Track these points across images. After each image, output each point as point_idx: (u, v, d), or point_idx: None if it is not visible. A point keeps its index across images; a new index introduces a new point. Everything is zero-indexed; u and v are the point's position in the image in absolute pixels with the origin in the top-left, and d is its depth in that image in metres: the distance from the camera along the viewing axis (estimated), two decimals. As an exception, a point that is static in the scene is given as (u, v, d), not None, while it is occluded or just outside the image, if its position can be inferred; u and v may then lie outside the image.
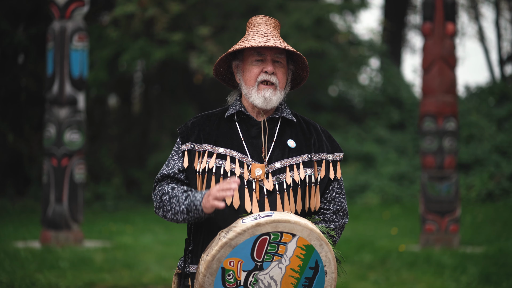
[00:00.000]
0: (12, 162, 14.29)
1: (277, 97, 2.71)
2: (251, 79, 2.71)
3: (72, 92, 9.05)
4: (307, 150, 2.73)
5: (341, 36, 16.40)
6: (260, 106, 2.70)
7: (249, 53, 2.72)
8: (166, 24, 14.07)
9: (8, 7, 13.74)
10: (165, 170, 2.73)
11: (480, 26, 21.19)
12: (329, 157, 2.76)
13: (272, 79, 2.69)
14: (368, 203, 14.50)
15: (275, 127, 2.74)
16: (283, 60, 2.73)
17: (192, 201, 2.59)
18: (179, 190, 2.66)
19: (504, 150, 14.73)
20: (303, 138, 2.75)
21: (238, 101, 2.78)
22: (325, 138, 2.80)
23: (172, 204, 2.64)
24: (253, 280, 2.50)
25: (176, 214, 2.63)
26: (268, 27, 2.76)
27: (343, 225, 2.77)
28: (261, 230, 2.47)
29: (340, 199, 2.76)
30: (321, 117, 16.39)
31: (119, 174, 15.57)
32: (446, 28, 9.40)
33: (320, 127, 2.83)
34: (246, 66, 2.73)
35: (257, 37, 2.70)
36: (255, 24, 2.77)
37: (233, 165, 2.67)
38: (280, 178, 2.67)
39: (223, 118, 2.77)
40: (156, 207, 2.72)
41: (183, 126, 2.79)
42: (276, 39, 2.70)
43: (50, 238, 8.92)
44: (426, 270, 7.59)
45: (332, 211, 2.75)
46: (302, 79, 2.84)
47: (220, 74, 2.84)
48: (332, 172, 2.75)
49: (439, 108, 9.39)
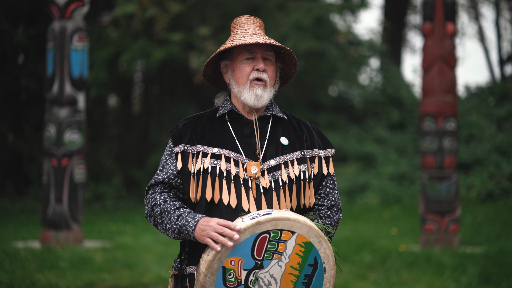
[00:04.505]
0: (12, 162, 14.29)
1: (267, 94, 2.71)
2: (242, 78, 2.71)
3: (72, 92, 9.05)
4: (299, 147, 2.74)
5: (341, 36, 16.40)
6: (252, 104, 2.70)
7: (239, 52, 2.72)
8: (166, 24, 14.08)
9: (8, 7, 13.75)
10: (159, 175, 2.72)
11: (480, 26, 21.20)
12: (321, 153, 2.77)
13: (263, 76, 2.70)
14: (368, 203, 14.50)
15: (267, 125, 2.75)
16: (272, 57, 2.73)
17: (185, 225, 2.57)
18: (171, 205, 2.64)
19: (504, 150, 14.73)
20: (295, 135, 2.76)
21: (228, 101, 2.78)
22: (316, 134, 2.80)
23: (164, 219, 2.64)
24: (253, 279, 2.50)
25: (168, 231, 2.63)
26: (254, 27, 2.76)
27: (338, 220, 2.78)
28: (261, 228, 2.48)
29: (334, 194, 2.77)
30: (321, 117, 16.39)
31: (119, 174, 15.57)
32: (446, 28, 9.40)
33: (311, 124, 2.84)
34: (236, 65, 2.72)
35: (246, 36, 2.70)
36: (240, 24, 2.77)
37: (228, 165, 2.66)
38: (275, 175, 2.67)
39: (215, 118, 2.76)
40: (147, 215, 2.72)
41: (174, 128, 2.77)
42: (264, 37, 2.71)
43: (50, 238, 8.92)
44: (426, 270, 7.58)
45: (327, 207, 2.76)
46: (289, 76, 2.85)
47: (208, 75, 2.83)
48: (325, 168, 2.76)
49: (439, 108, 9.39)
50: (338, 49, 16.50)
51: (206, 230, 2.52)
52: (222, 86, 2.85)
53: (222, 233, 2.48)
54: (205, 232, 2.51)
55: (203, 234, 2.52)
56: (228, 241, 2.46)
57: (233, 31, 2.77)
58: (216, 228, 2.49)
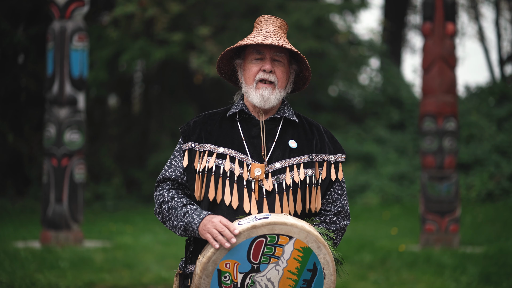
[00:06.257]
0: (12, 162, 14.29)
1: (276, 96, 2.69)
2: (250, 78, 2.70)
3: (72, 92, 9.05)
4: (308, 150, 2.71)
5: (341, 36, 16.40)
6: (258, 105, 2.69)
7: (250, 51, 2.71)
8: (166, 24, 14.07)
9: (8, 7, 13.74)
10: (167, 171, 2.73)
11: (480, 26, 21.19)
12: (331, 158, 2.74)
13: (270, 77, 2.68)
14: (368, 203, 14.50)
15: (276, 127, 2.73)
16: (283, 59, 2.71)
17: (190, 222, 2.58)
18: (178, 202, 2.65)
19: (504, 150, 14.72)
20: (305, 138, 2.73)
21: (241, 100, 2.77)
22: (328, 139, 2.77)
23: (171, 216, 2.65)
24: (250, 282, 2.49)
25: (174, 228, 2.64)
26: (273, 27, 2.74)
27: (345, 227, 2.74)
28: (257, 232, 2.47)
29: (342, 200, 2.74)
30: (321, 117, 16.39)
31: (119, 174, 15.56)
32: (446, 28, 9.40)
33: (323, 128, 2.81)
34: (246, 64, 2.72)
35: (257, 36, 2.69)
36: (260, 23, 2.76)
37: (232, 165, 2.65)
38: (279, 178, 2.65)
39: (225, 117, 2.76)
40: (156, 211, 2.73)
41: (185, 125, 2.78)
42: (276, 37, 2.68)
43: (50, 238, 8.92)
44: (426, 270, 7.58)
45: (333, 213, 2.72)
46: (306, 80, 2.81)
47: (226, 73, 2.83)
48: (334, 173, 2.73)
49: (439, 108, 9.39)
50: (338, 49, 16.50)
51: (207, 225, 2.52)
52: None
53: (222, 233, 2.47)
54: (206, 227, 2.52)
55: (205, 229, 2.52)
56: (226, 242, 2.46)
57: (254, 30, 2.77)
58: (217, 225, 2.49)
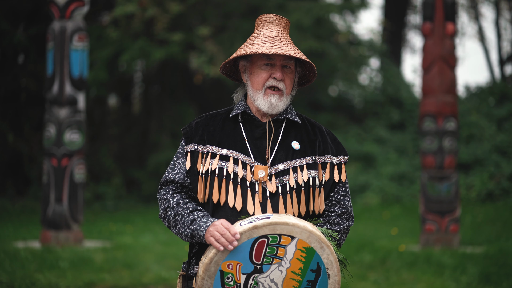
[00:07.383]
0: (12, 162, 14.29)
1: (283, 102, 2.68)
2: (258, 83, 2.67)
3: (72, 92, 9.05)
4: (311, 152, 2.70)
5: (341, 36, 16.40)
6: (266, 111, 2.67)
7: (258, 56, 2.68)
8: (166, 24, 14.07)
9: (8, 7, 13.74)
10: (170, 174, 2.71)
11: (480, 26, 21.19)
12: (334, 160, 2.73)
13: (280, 85, 2.66)
14: (368, 203, 14.51)
15: (279, 128, 2.71)
16: (291, 65, 2.69)
17: (197, 229, 2.57)
18: (184, 208, 2.63)
19: (504, 150, 14.72)
20: (308, 140, 2.72)
21: (243, 101, 2.74)
22: (330, 140, 2.76)
23: (177, 222, 2.63)
24: (253, 283, 2.48)
25: (181, 234, 2.63)
26: (278, 28, 2.70)
27: (348, 228, 2.74)
28: (259, 233, 2.46)
29: (345, 201, 2.74)
30: (321, 117, 16.38)
31: (119, 174, 15.56)
32: (446, 28, 9.40)
33: (326, 129, 2.79)
34: (254, 69, 2.69)
35: (267, 41, 2.65)
36: (265, 23, 2.72)
37: (235, 167, 2.64)
38: (283, 180, 2.64)
39: (228, 118, 2.73)
40: (161, 216, 2.71)
41: (187, 126, 2.76)
42: (287, 43, 2.66)
43: (50, 238, 8.92)
44: (426, 270, 7.59)
45: (337, 214, 2.72)
46: (308, 81, 2.81)
47: (226, 69, 2.79)
48: (337, 174, 2.72)
49: (439, 108, 9.39)
50: (338, 49, 16.50)
51: (210, 228, 2.52)
52: (240, 79, 2.81)
53: (223, 235, 2.47)
54: (209, 231, 2.51)
55: (208, 233, 2.52)
56: (229, 245, 2.46)
57: (257, 29, 2.73)
58: (219, 228, 2.49)
